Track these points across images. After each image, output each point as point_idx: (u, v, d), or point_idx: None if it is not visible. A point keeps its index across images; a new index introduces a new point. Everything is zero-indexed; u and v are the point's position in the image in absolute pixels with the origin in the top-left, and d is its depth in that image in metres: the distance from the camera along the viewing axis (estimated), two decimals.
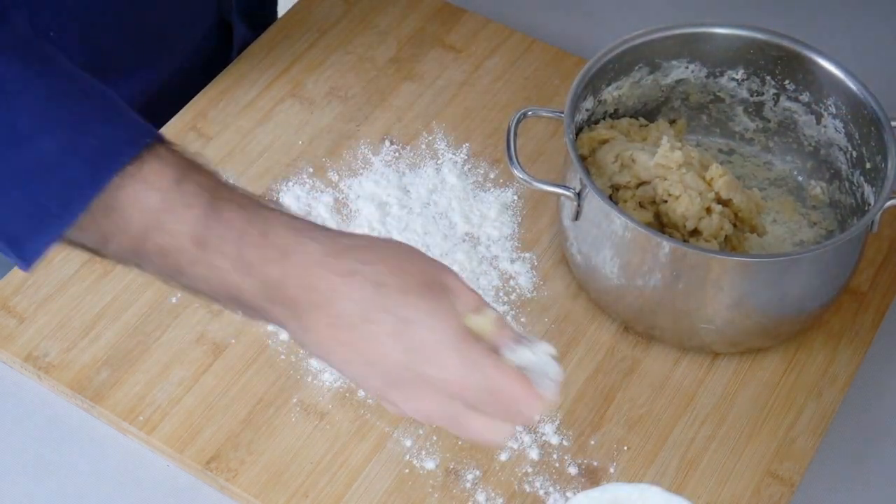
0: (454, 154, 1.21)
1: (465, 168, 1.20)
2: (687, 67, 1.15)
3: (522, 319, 1.10)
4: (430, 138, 1.22)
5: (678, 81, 1.15)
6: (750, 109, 1.17)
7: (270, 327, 1.08)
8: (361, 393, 1.05)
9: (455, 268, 1.12)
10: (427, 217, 1.16)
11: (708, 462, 1.03)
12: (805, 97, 1.13)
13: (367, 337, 0.79)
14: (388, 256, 0.81)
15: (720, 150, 1.19)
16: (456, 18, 1.32)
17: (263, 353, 1.08)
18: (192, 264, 0.81)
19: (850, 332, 1.11)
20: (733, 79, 1.15)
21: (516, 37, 1.31)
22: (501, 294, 1.12)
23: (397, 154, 1.20)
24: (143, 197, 0.79)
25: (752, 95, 1.16)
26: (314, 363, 1.07)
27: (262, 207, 0.82)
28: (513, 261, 1.14)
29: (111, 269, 1.12)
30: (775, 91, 1.14)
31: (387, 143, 1.21)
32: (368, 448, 1.03)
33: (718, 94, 1.16)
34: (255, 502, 1.00)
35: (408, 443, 1.03)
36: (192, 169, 0.82)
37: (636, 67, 1.14)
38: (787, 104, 1.15)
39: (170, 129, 1.21)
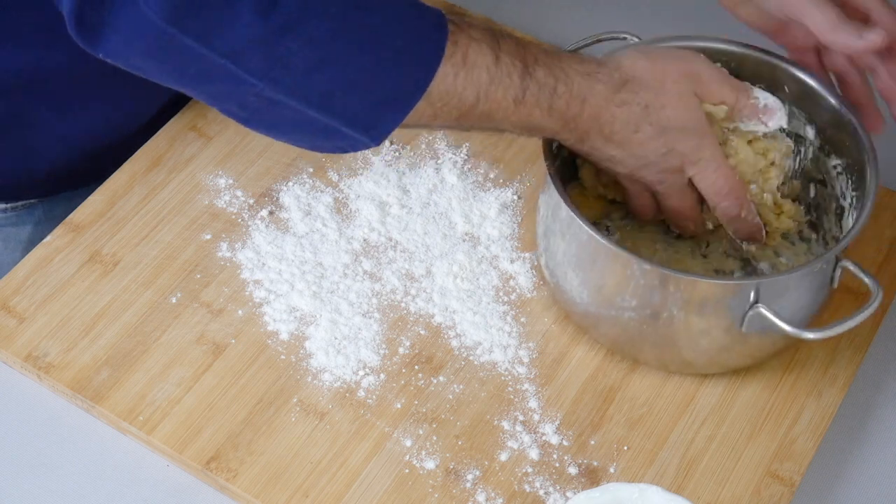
0: (454, 154, 1.21)
1: (465, 168, 1.20)
2: None
3: (522, 319, 1.10)
4: (430, 138, 1.22)
5: None
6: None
7: (270, 328, 1.08)
8: (361, 393, 1.05)
9: (455, 268, 1.12)
10: (427, 217, 1.16)
11: (708, 462, 1.03)
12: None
13: (635, 143, 1.01)
14: (650, 78, 1.02)
15: None
16: None
17: (263, 353, 1.08)
18: (506, 118, 0.98)
19: (850, 332, 1.10)
20: None
21: None
22: (501, 294, 1.12)
23: (397, 154, 1.20)
24: (475, 77, 0.95)
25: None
26: (314, 363, 1.07)
27: (558, 59, 1.00)
28: (513, 261, 1.14)
29: (111, 269, 1.12)
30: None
31: (387, 142, 1.21)
32: (368, 448, 1.03)
33: None
34: (255, 502, 1.00)
35: (408, 443, 1.03)
36: (497, 39, 0.98)
37: None
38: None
39: (170, 130, 1.21)
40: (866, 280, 1.01)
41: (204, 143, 1.21)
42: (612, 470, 1.02)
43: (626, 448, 1.03)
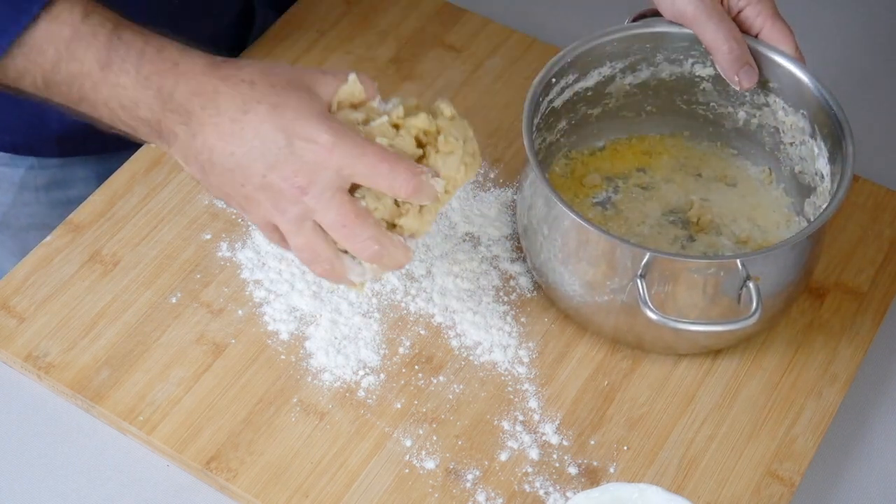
0: None
1: None
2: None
3: (522, 319, 1.10)
4: None
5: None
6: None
7: (270, 328, 1.08)
8: (361, 393, 1.05)
9: (455, 268, 1.12)
10: None
11: (708, 462, 1.03)
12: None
13: (247, 125, 0.90)
14: (257, 65, 0.93)
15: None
16: (456, 18, 1.32)
17: (263, 353, 1.08)
18: (95, 87, 0.91)
19: (850, 332, 1.11)
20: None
21: (516, 37, 1.31)
22: (502, 294, 1.12)
23: None
24: (57, 31, 0.89)
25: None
26: (314, 363, 1.07)
27: (159, 35, 0.93)
28: (513, 261, 1.14)
29: (111, 269, 1.12)
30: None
31: None
32: (368, 448, 1.03)
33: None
34: (256, 502, 1.00)
35: (408, 443, 1.03)
36: (97, 6, 0.92)
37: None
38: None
39: None
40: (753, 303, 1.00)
41: None
42: (612, 470, 1.02)
43: (626, 448, 1.03)
